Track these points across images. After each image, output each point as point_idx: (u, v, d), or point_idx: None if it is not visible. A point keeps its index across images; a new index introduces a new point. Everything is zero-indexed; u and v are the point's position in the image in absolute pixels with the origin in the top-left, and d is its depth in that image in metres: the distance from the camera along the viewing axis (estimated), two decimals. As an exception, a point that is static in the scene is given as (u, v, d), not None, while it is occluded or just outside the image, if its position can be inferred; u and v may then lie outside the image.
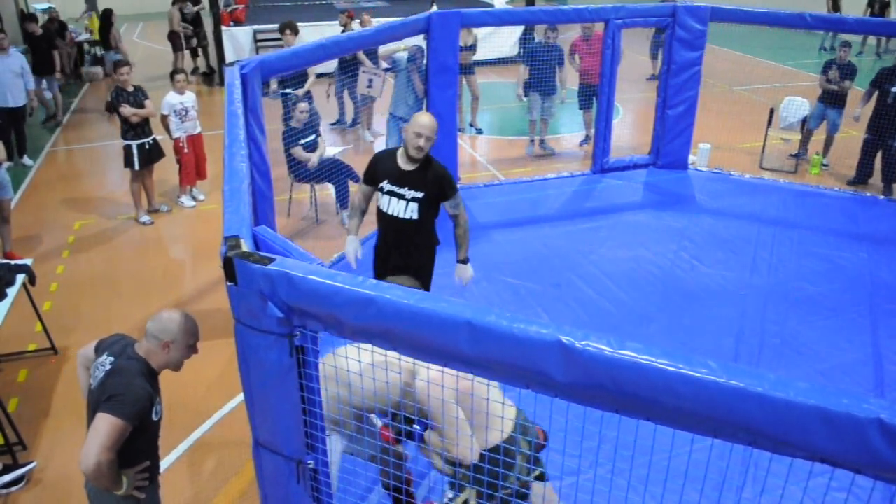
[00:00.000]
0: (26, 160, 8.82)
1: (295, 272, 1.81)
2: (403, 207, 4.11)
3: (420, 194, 4.07)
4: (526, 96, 8.71)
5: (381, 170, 4.18)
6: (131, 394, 2.55)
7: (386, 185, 4.13)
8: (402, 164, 4.09)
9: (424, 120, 4.01)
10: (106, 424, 2.47)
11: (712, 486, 3.61)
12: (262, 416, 2.17)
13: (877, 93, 7.56)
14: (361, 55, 8.64)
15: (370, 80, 8.06)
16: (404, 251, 4.29)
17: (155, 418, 2.74)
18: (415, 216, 4.12)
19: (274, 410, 2.11)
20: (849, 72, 7.99)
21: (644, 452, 2.06)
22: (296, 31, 8.41)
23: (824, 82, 8.13)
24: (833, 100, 8.09)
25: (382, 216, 4.22)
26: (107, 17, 11.74)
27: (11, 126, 8.46)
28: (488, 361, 1.62)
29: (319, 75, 8.43)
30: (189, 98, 7.24)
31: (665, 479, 2.29)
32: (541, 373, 1.57)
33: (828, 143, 8.37)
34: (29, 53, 12.01)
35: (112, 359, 2.68)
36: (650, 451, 1.95)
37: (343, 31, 9.52)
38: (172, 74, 7.36)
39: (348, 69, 8.76)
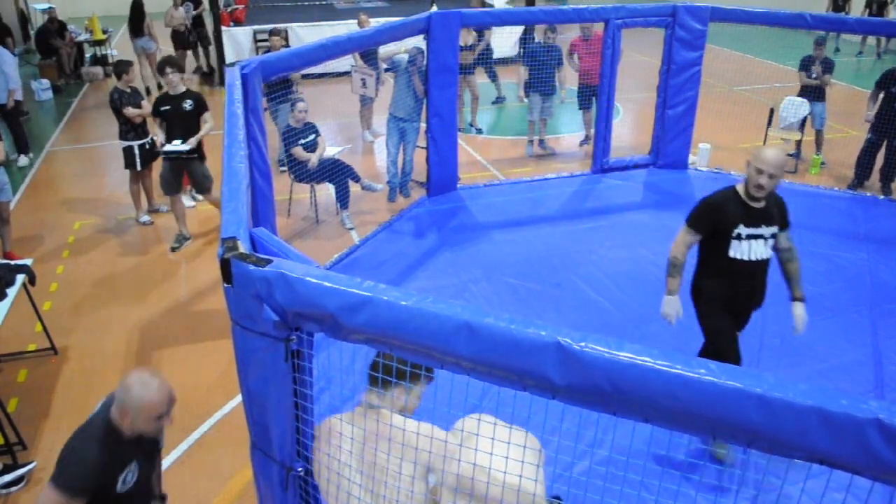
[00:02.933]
0: (21, 160, 8.81)
1: (291, 273, 1.80)
2: (763, 248, 3.73)
3: (775, 228, 3.74)
4: (527, 97, 8.71)
5: (727, 216, 3.71)
6: (77, 464, 2.30)
7: (743, 229, 3.68)
8: (750, 201, 3.68)
9: (768, 155, 3.56)
10: (46, 496, 2.26)
11: (709, 487, 3.61)
12: (257, 418, 2.17)
13: (882, 94, 7.57)
14: (356, 56, 8.62)
15: (363, 80, 8.06)
16: (759, 293, 3.89)
17: (121, 489, 2.40)
18: (770, 254, 3.78)
19: (268, 414, 2.11)
20: (828, 66, 8.16)
21: (640, 455, 2.06)
22: (181, 70, 6.77)
23: (804, 78, 8.29)
24: (816, 94, 8.23)
25: (736, 265, 3.75)
26: (138, 8, 11.85)
27: None
28: (486, 363, 1.62)
29: (305, 76, 8.22)
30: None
31: (660, 480, 2.29)
32: (539, 374, 1.56)
33: (818, 140, 8.41)
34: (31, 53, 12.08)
35: (95, 411, 2.46)
36: (646, 453, 1.95)
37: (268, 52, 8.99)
38: None
39: (278, 95, 7.52)
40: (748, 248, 3.70)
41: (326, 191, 7.47)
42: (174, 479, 3.97)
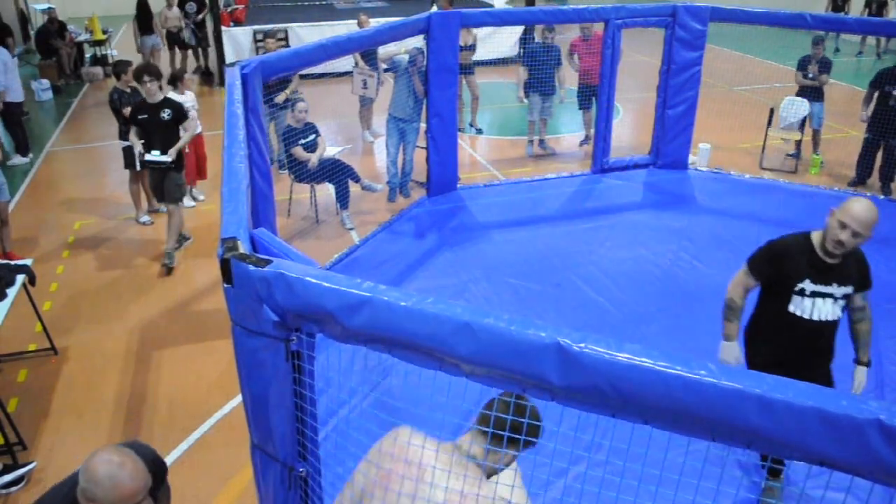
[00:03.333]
0: (16, 160, 8.85)
1: (291, 274, 1.80)
2: (830, 308, 3.28)
3: (849, 289, 3.30)
4: (527, 97, 8.72)
5: (793, 267, 3.28)
6: None
7: (808, 285, 3.24)
8: (824, 255, 3.22)
9: (855, 209, 3.07)
10: None
11: (707, 491, 3.61)
12: (257, 418, 2.17)
13: (877, 93, 7.58)
14: (357, 56, 8.63)
15: (364, 81, 8.08)
16: (819, 356, 3.47)
17: None
18: (839, 315, 3.33)
19: (268, 414, 2.10)
20: (825, 66, 8.14)
21: (637, 457, 2.05)
22: (158, 78, 6.26)
23: (801, 78, 8.30)
24: (813, 94, 8.23)
25: (796, 322, 3.31)
26: (144, 5, 12.21)
27: None
28: (486, 364, 1.62)
29: (303, 76, 8.25)
30: (189, 98, 7.26)
31: (658, 482, 2.28)
32: (538, 376, 1.56)
33: (815, 139, 8.42)
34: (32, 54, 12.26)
35: (62, 481, 2.21)
36: (644, 453, 1.94)
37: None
38: (179, 75, 7.39)
39: (274, 98, 7.57)
40: (811, 305, 3.26)
41: (326, 191, 7.47)
42: (174, 478, 3.96)
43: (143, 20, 12.22)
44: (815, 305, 3.26)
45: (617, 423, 1.60)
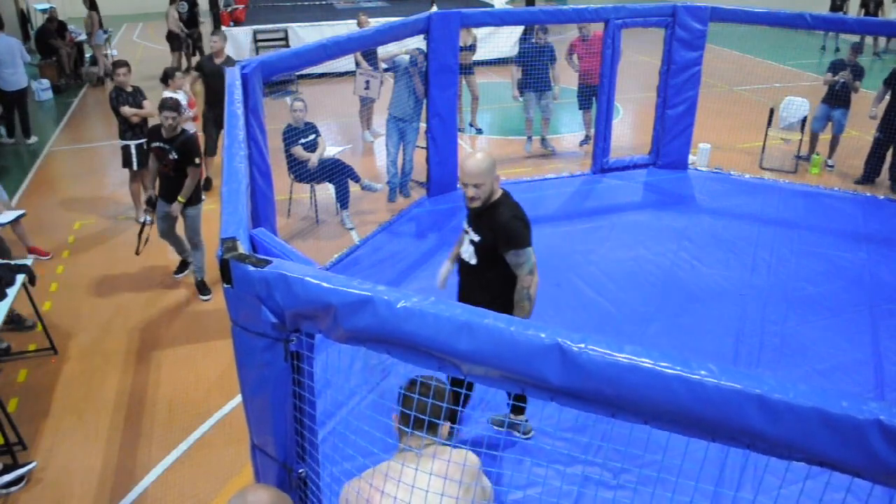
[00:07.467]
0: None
1: (290, 274, 1.80)
2: (471, 251, 3.80)
3: (478, 238, 3.75)
4: (522, 95, 8.74)
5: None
6: None
7: (468, 229, 3.83)
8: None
9: (464, 165, 3.55)
10: None
11: (706, 492, 3.61)
12: (257, 419, 2.17)
13: (890, 92, 7.57)
14: (359, 56, 8.62)
15: (367, 82, 8.08)
16: (479, 291, 3.91)
17: None
18: (475, 261, 3.80)
19: (267, 414, 2.10)
20: (859, 72, 8.04)
21: (638, 456, 2.05)
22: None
23: (830, 79, 8.11)
24: (837, 100, 8.13)
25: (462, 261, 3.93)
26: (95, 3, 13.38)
27: None
28: (485, 364, 1.62)
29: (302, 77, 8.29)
30: (183, 97, 7.28)
31: (657, 479, 2.28)
32: (537, 376, 1.56)
33: (833, 145, 8.37)
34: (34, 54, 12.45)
35: None
36: (645, 452, 1.94)
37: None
38: (172, 73, 7.39)
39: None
40: (466, 246, 3.83)
41: (326, 191, 7.47)
42: (174, 478, 3.97)
43: (99, 15, 13.39)
44: (464, 246, 3.84)
45: (616, 424, 1.59)
